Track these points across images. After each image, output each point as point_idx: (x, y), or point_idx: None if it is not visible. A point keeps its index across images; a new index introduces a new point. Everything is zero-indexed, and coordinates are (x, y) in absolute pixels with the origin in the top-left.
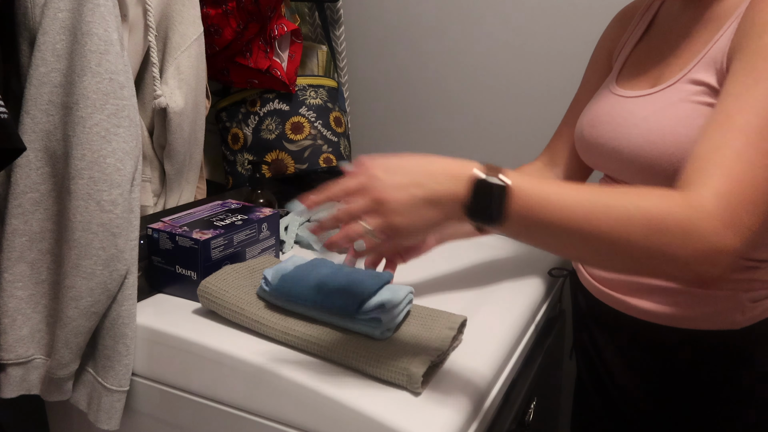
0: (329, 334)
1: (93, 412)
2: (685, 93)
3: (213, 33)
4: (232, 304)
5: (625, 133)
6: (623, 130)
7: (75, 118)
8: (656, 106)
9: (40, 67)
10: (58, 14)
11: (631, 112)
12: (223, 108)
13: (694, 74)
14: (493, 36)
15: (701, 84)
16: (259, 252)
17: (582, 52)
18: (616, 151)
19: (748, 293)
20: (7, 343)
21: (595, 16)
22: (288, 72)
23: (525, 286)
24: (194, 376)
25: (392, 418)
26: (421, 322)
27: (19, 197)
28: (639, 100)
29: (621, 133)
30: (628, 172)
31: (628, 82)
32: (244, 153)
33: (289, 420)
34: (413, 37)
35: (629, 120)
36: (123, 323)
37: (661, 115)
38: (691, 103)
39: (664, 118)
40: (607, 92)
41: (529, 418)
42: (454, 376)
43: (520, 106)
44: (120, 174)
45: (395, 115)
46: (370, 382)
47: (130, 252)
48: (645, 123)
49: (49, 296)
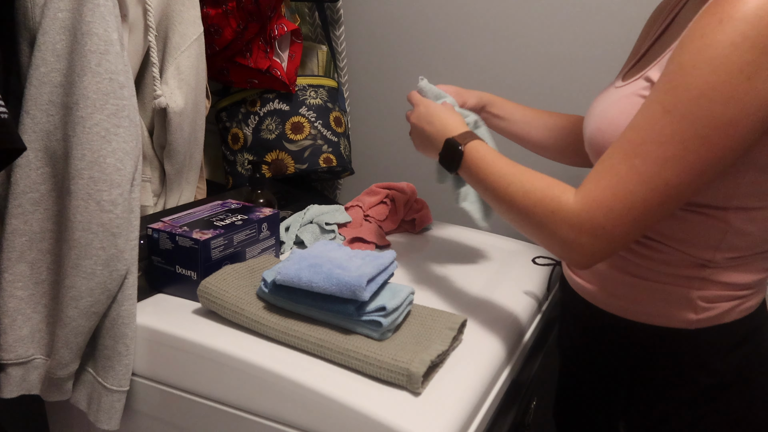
0: (329, 334)
1: (93, 412)
2: (637, 87)
3: (213, 33)
4: (232, 304)
5: (589, 119)
6: (590, 116)
7: (75, 118)
8: (616, 98)
9: (40, 67)
10: (58, 14)
11: (603, 100)
12: (223, 108)
13: (651, 72)
14: (493, 36)
15: (650, 81)
16: (259, 252)
17: (585, 54)
18: (585, 136)
19: (699, 291)
20: (7, 343)
21: (596, 16)
22: (288, 72)
23: (525, 286)
24: (194, 376)
25: (392, 418)
26: (421, 322)
27: (19, 197)
28: (614, 91)
29: (589, 120)
30: (591, 157)
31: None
32: (244, 153)
33: (289, 420)
34: (413, 37)
35: (596, 108)
36: (123, 323)
37: (613, 106)
38: (636, 96)
39: (614, 109)
40: (611, 83)
41: (529, 418)
42: (454, 376)
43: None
44: (120, 174)
45: (395, 115)
46: (370, 382)
47: (130, 252)
48: (602, 113)
49: (49, 296)
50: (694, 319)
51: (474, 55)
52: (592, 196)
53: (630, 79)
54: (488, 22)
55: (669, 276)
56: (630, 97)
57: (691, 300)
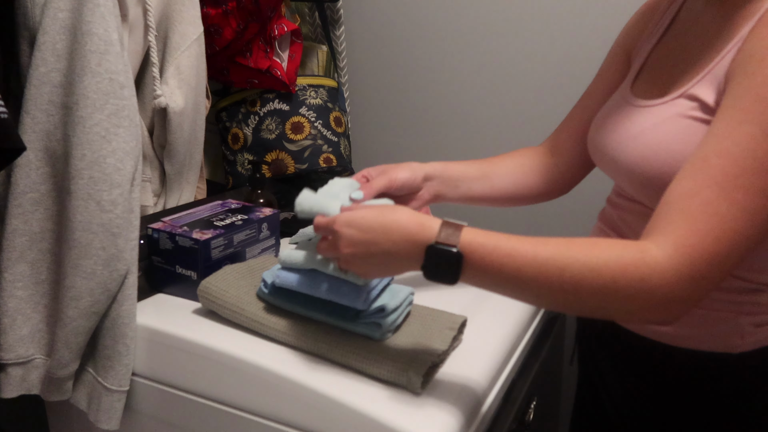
0: (329, 334)
1: (93, 412)
2: (683, 108)
3: (213, 33)
4: (232, 304)
5: (623, 145)
6: (623, 141)
7: (75, 118)
8: (656, 120)
9: (40, 67)
10: (58, 14)
11: (634, 123)
12: (223, 108)
13: (696, 90)
14: (493, 35)
15: (697, 100)
16: (259, 252)
17: (584, 53)
18: (614, 161)
19: (750, 317)
20: (7, 343)
21: (597, 17)
22: (288, 72)
23: None
24: (194, 376)
25: (392, 418)
26: (421, 322)
27: (19, 197)
28: (643, 111)
29: (620, 144)
30: (626, 184)
31: (640, 87)
32: (244, 153)
33: (289, 420)
34: (413, 37)
35: (630, 131)
36: (123, 323)
37: (657, 130)
38: (686, 118)
39: (660, 133)
40: (620, 97)
41: (529, 418)
42: (454, 376)
43: (520, 106)
44: (120, 174)
45: (395, 115)
46: (370, 382)
47: (130, 252)
48: (642, 137)
49: (49, 296)
50: (739, 343)
51: (474, 55)
52: (689, 244)
53: (656, 96)
54: (488, 22)
55: (719, 302)
56: (676, 120)
57: (740, 325)
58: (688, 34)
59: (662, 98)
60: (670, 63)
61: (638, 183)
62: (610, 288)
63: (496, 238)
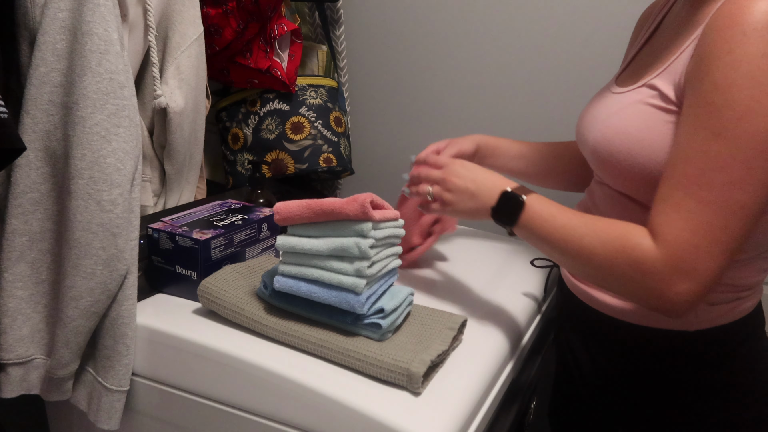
0: (329, 334)
1: (93, 412)
2: (644, 95)
3: (213, 33)
4: (232, 304)
5: (592, 125)
6: (592, 122)
7: (75, 118)
8: (621, 105)
9: (40, 67)
10: (58, 14)
11: (605, 106)
12: (223, 108)
13: (656, 81)
14: (493, 35)
15: (656, 89)
16: (259, 252)
17: (585, 53)
18: (585, 142)
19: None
20: (7, 343)
21: (597, 17)
22: (288, 72)
23: (525, 287)
24: (194, 376)
25: (392, 418)
26: (421, 322)
27: (19, 197)
28: (614, 97)
29: (590, 125)
30: (592, 164)
31: (622, 79)
32: (244, 153)
33: (289, 420)
34: (413, 37)
35: (600, 114)
36: (123, 323)
37: (620, 114)
38: (646, 105)
39: (622, 117)
40: (604, 87)
41: (529, 418)
42: (454, 376)
43: (521, 106)
44: (120, 174)
45: (395, 115)
46: (370, 382)
47: (130, 252)
48: (608, 119)
49: (49, 296)
50: (694, 321)
51: (474, 55)
52: (671, 239)
53: (629, 85)
54: (488, 22)
55: None
56: (636, 106)
57: None
58: (665, 33)
59: (629, 87)
60: (646, 59)
61: (600, 162)
62: (611, 262)
63: (549, 203)
